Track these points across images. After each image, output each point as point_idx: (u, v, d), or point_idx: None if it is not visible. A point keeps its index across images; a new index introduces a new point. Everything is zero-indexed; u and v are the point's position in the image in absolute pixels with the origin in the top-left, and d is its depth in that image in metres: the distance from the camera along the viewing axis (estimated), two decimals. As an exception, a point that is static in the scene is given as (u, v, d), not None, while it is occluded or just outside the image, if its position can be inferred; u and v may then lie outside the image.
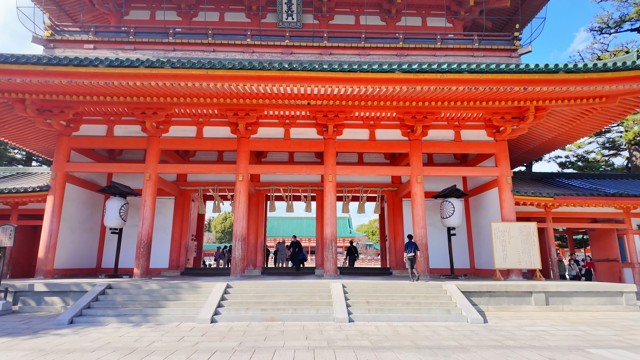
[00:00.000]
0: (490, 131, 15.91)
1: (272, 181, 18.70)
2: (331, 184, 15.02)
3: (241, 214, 14.66)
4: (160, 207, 18.26)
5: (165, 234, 18.06)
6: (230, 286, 11.81)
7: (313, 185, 18.59)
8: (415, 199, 15.04)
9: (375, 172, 15.53)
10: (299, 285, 11.97)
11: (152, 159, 15.06)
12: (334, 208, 14.87)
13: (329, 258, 14.45)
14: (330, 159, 15.25)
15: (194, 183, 18.42)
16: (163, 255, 17.81)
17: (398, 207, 18.58)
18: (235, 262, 14.31)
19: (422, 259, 14.54)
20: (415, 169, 15.29)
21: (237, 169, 15.05)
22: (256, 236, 18.26)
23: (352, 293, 11.49)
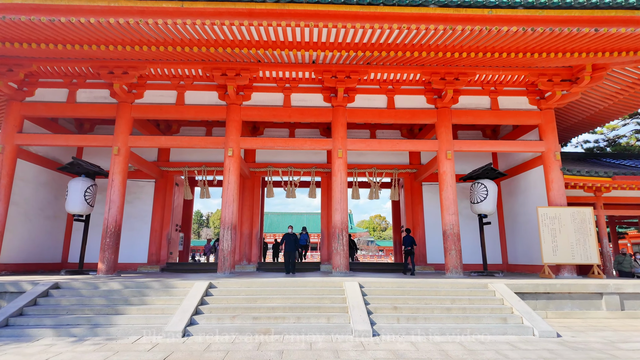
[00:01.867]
0: (533, 98, 13.15)
1: (270, 162, 15.95)
2: (341, 161, 12.28)
3: (231, 197, 11.92)
4: (138, 191, 15.54)
5: (144, 223, 15.33)
6: (214, 286, 9.10)
7: (318, 166, 15.84)
8: (445, 180, 12.30)
9: (394, 147, 12.78)
10: (303, 284, 9.26)
11: (123, 129, 12.30)
12: (344, 189, 12.12)
13: (338, 251, 11.73)
14: (339, 130, 12.50)
15: (177, 164, 15.67)
16: (140, 248, 15.10)
17: (417, 192, 15.85)
18: (223, 255, 11.59)
19: (454, 252, 11.80)
20: (444, 143, 12.54)
21: (226, 143, 12.30)
22: (251, 226, 15.53)
23: (373, 295, 8.78)
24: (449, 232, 11.96)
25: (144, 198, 15.55)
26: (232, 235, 11.71)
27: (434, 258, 15.25)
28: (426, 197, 15.86)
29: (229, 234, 11.69)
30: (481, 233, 13.59)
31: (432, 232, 15.48)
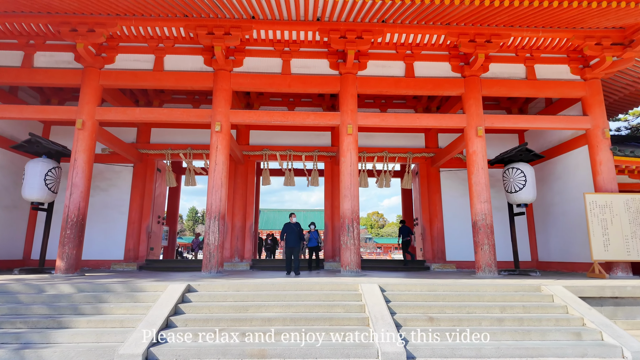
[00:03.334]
0: (575, 67, 11.19)
1: (266, 144, 13.91)
2: (350, 139, 10.26)
3: (219, 180, 9.88)
4: (113, 177, 13.48)
5: (120, 214, 13.27)
6: (193, 289, 7.08)
7: (321, 150, 13.82)
8: (475, 161, 10.32)
9: (414, 122, 10.75)
10: (308, 287, 7.25)
11: (89, 99, 10.22)
12: (354, 172, 10.11)
13: (348, 246, 9.72)
14: (348, 102, 10.48)
15: (159, 145, 13.60)
16: (116, 242, 13.05)
17: (434, 179, 13.87)
18: (208, 250, 9.56)
19: (486, 247, 9.83)
20: (473, 118, 10.56)
21: (213, 116, 10.25)
22: (244, 217, 13.49)
23: (398, 302, 6.79)
24: (480, 223, 9.99)
25: (121, 185, 13.48)
26: (220, 227, 9.68)
27: (455, 254, 13.30)
28: (445, 185, 13.89)
29: (216, 225, 9.65)
30: (512, 226, 11.65)
31: (452, 224, 13.54)
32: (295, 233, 10.17)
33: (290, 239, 10.06)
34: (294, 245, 10.07)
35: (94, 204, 13.19)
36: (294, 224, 10.38)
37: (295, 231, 10.20)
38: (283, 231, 10.30)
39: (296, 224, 10.40)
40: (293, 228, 10.24)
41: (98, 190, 13.35)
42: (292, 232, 10.15)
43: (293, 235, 10.12)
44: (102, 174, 13.48)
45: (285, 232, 10.26)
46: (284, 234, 10.25)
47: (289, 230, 10.22)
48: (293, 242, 10.05)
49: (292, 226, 10.29)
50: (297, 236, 10.19)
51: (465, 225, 13.40)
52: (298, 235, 10.24)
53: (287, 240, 10.11)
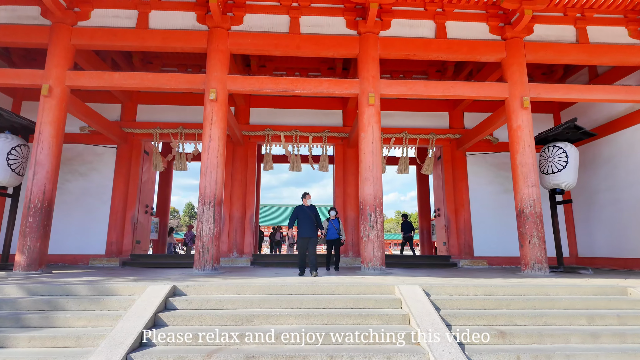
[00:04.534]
0: (634, 29, 9.51)
1: (268, 124, 12.20)
2: (372, 110, 8.58)
3: (213, 159, 8.18)
4: (94, 159, 11.76)
5: (102, 202, 11.55)
6: (181, 291, 5.42)
7: (331, 130, 12.13)
8: (521, 138, 8.67)
9: (447, 91, 9.03)
10: (328, 288, 5.58)
11: (58, 61, 8.49)
12: (377, 150, 8.43)
13: (371, 238, 8.05)
14: (369, 67, 8.79)
15: (146, 124, 11.87)
16: (97, 235, 11.35)
17: (460, 164, 12.21)
18: (201, 243, 7.87)
19: (536, 240, 8.20)
20: (517, 86, 8.89)
21: (207, 82, 8.53)
22: (243, 206, 11.81)
23: (449, 310, 5.15)
24: (528, 211, 8.34)
25: (102, 169, 11.75)
26: (215, 215, 7.99)
27: (483, 249, 11.69)
28: (472, 171, 12.24)
29: (210, 212, 7.96)
30: (553, 215, 10.05)
31: (481, 215, 11.91)
32: (310, 219, 7.80)
33: (304, 228, 7.75)
34: (309, 236, 7.74)
35: (71, 190, 11.51)
36: (309, 207, 7.99)
37: (310, 217, 7.81)
38: (293, 216, 7.94)
39: (311, 208, 7.99)
40: (307, 213, 7.82)
41: (76, 175, 11.64)
42: (306, 218, 7.80)
43: (307, 222, 7.76)
44: (81, 156, 11.76)
45: (296, 218, 7.92)
46: (294, 220, 7.93)
47: (302, 216, 7.83)
48: (308, 232, 7.74)
49: (306, 210, 7.88)
50: (313, 223, 7.84)
51: (496, 216, 11.85)
52: (314, 222, 7.89)
53: (299, 229, 7.82)
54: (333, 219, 8.95)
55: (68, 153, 11.70)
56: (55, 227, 11.12)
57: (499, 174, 12.25)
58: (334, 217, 9.00)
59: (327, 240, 8.80)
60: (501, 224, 11.84)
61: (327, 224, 8.85)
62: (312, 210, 8.07)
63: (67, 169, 11.61)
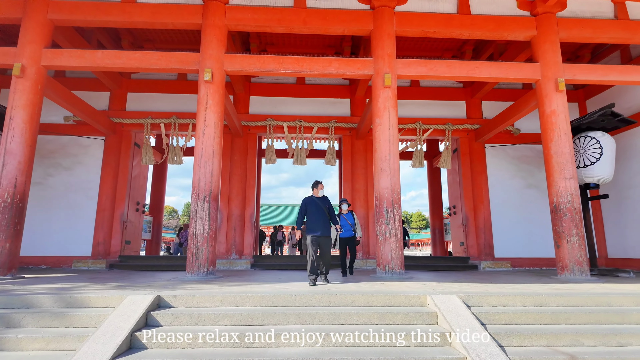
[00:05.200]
0: (678, 4, 8.53)
1: (270, 113, 11.21)
2: (389, 92, 7.58)
3: (209, 148, 7.19)
4: (79, 152, 10.77)
5: (87, 198, 10.56)
6: (166, 303, 4.44)
7: (338, 120, 11.14)
8: (555, 124, 7.69)
9: (471, 72, 8.02)
10: (346, 299, 4.59)
11: (32, 36, 7.50)
12: (394, 139, 7.44)
13: (387, 238, 7.07)
14: (385, 45, 7.79)
15: (137, 114, 10.88)
16: (82, 234, 10.36)
17: (479, 157, 11.23)
18: (195, 244, 6.87)
19: (575, 240, 7.22)
20: (549, 66, 7.92)
21: (201, 60, 7.54)
22: (243, 203, 10.81)
23: (497, 324, 4.19)
24: (565, 207, 7.36)
25: (89, 162, 10.76)
26: (211, 211, 7.00)
27: (504, 250, 10.71)
28: (491, 165, 11.26)
29: (205, 208, 6.97)
30: (585, 211, 9.02)
31: (501, 212, 10.94)
32: (323, 213, 6.29)
33: (315, 223, 6.20)
34: (322, 234, 6.20)
35: (54, 185, 10.52)
36: (321, 199, 6.44)
37: (323, 210, 6.31)
38: (302, 210, 6.41)
39: (324, 200, 6.47)
40: (319, 205, 6.32)
41: (60, 169, 10.65)
42: (317, 212, 6.27)
43: (319, 216, 6.24)
44: (65, 148, 10.77)
45: (306, 212, 6.38)
46: (303, 214, 6.41)
47: (313, 209, 6.29)
48: (320, 228, 6.19)
49: (318, 202, 6.35)
50: (326, 218, 6.32)
51: (518, 214, 10.91)
52: (327, 216, 6.36)
53: (309, 225, 6.26)
54: (346, 213, 7.57)
55: (51, 145, 10.73)
56: (36, 225, 10.23)
57: (521, 167, 11.28)
58: (347, 211, 7.62)
59: (341, 238, 7.43)
60: (524, 222, 10.89)
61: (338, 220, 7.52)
62: (325, 202, 6.47)
63: (50, 163, 10.63)
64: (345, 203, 7.68)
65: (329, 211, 6.39)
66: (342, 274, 7.46)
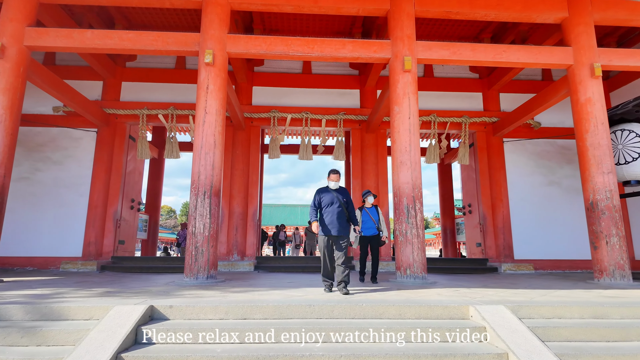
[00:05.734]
0: None
1: (274, 105, 10.50)
2: (409, 77, 6.88)
3: (210, 138, 6.46)
4: (70, 145, 10.05)
5: (78, 195, 9.82)
6: (160, 314, 3.72)
7: (347, 112, 10.43)
8: (591, 113, 7.00)
9: (499, 55, 7.29)
10: (373, 311, 3.88)
11: (14, 14, 6.79)
12: (415, 127, 6.73)
13: (409, 238, 6.36)
14: (403, 25, 7.09)
15: (132, 104, 10.15)
16: (72, 234, 9.63)
17: (497, 152, 10.53)
18: (195, 245, 6.15)
19: (615, 240, 6.53)
20: (584, 51, 7.24)
21: (202, 41, 6.82)
22: (245, 200, 10.09)
23: (559, 341, 3.47)
24: (603, 204, 6.67)
25: (80, 156, 10.02)
26: (212, 208, 6.28)
27: (524, 251, 10.02)
28: (510, 161, 10.57)
29: (206, 205, 6.25)
30: (616, 211, 8.34)
31: (520, 211, 10.26)
32: (339, 208, 5.16)
33: (330, 220, 5.10)
34: (338, 233, 5.07)
35: (43, 180, 9.79)
36: (337, 191, 5.29)
37: (339, 205, 5.17)
38: (315, 203, 5.26)
39: (341, 192, 5.30)
40: (334, 198, 5.18)
41: (49, 163, 9.91)
42: (332, 206, 5.15)
43: (335, 211, 5.12)
44: (55, 141, 10.03)
45: (320, 205, 5.23)
46: (316, 208, 5.24)
47: (327, 202, 5.18)
48: (335, 226, 5.06)
49: (333, 195, 5.21)
50: (343, 214, 5.20)
51: (539, 213, 10.25)
52: (344, 211, 5.24)
53: (322, 222, 5.15)
54: (369, 208, 6.44)
55: (39, 138, 10.00)
56: (22, 224, 9.48)
57: (541, 163, 10.60)
58: (371, 205, 6.49)
59: (362, 237, 6.33)
60: (545, 222, 10.21)
61: (360, 215, 6.43)
62: (342, 195, 5.29)
63: (38, 156, 9.90)
64: (370, 195, 6.52)
65: (347, 207, 5.30)
66: (361, 279, 6.45)
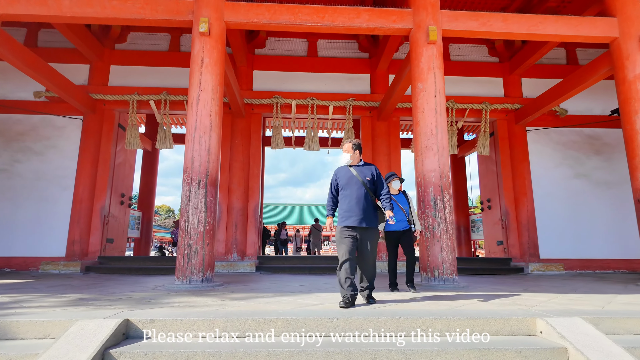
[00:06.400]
0: None
1: (277, 90, 9.62)
2: (434, 50, 6.00)
3: (206, 119, 5.58)
4: (53, 135, 9.18)
5: (62, 188, 8.94)
6: (138, 331, 2.82)
7: (357, 98, 9.55)
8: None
9: (534, 26, 6.38)
10: (411, 324, 2.99)
11: (-21, -21, 5.86)
12: (441, 106, 5.85)
13: (436, 235, 5.48)
14: (426, -7, 6.21)
15: (121, 89, 9.27)
16: (54, 231, 8.75)
17: (520, 142, 9.67)
18: (188, 243, 5.26)
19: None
20: (632, 21, 6.44)
21: (195, 9, 5.93)
22: (246, 194, 9.21)
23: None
24: (659, 195, 5.81)
25: (64, 147, 9.14)
26: (207, 200, 5.40)
27: (552, 250, 9.18)
28: (534, 151, 9.71)
29: (201, 195, 5.37)
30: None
31: (546, 206, 9.41)
32: (360, 190, 3.91)
33: (351, 206, 3.86)
34: (362, 223, 3.83)
35: (22, 173, 8.91)
36: (360, 168, 4.06)
37: (360, 185, 3.92)
38: (332, 186, 4.08)
39: (365, 169, 4.04)
40: (354, 178, 3.96)
41: (29, 154, 9.03)
42: (351, 186, 3.93)
43: (355, 195, 3.89)
44: (36, 129, 9.15)
45: (338, 188, 4.02)
46: (334, 192, 4.05)
47: (345, 182, 3.97)
48: (355, 214, 3.83)
49: (353, 174, 3.99)
50: (366, 198, 3.92)
51: (565, 208, 9.44)
52: (369, 196, 3.96)
53: (342, 209, 3.94)
54: (396, 195, 4.96)
55: (19, 126, 9.12)
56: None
57: (568, 154, 9.75)
58: (398, 192, 5.02)
59: (389, 232, 4.83)
60: (572, 218, 9.38)
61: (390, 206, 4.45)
62: (366, 172, 4.00)
63: (17, 147, 9.02)
64: (396, 179, 4.98)
65: (374, 187, 3.99)
66: (391, 287, 4.95)
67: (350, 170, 4.04)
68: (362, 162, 4.16)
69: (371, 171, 4.07)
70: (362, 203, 3.88)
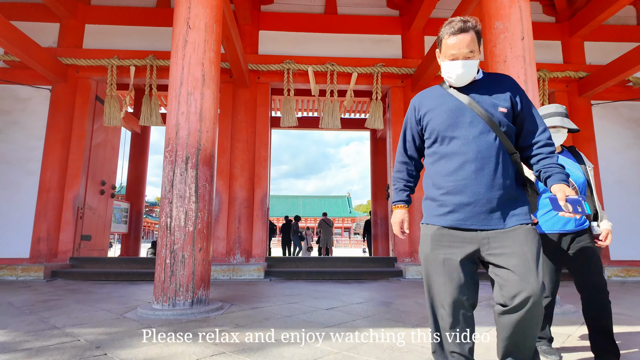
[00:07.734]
0: None
1: (288, 54, 7.87)
2: (515, -21, 4.25)
3: (196, 71, 3.87)
4: (14, 108, 7.52)
5: (26, 174, 7.29)
6: None
7: (386, 64, 7.79)
8: None
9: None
10: None
11: None
12: (530, 55, 4.13)
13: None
14: None
15: (98, 52, 7.55)
16: (17, 227, 7.12)
17: (583, 118, 7.94)
18: (170, 249, 3.58)
19: None
20: None
21: None
22: (251, 180, 7.52)
23: None
24: None
25: (29, 123, 7.46)
26: (197, 184, 3.72)
27: (621, 250, 7.48)
28: (599, 129, 7.98)
29: (189, 179, 3.69)
30: None
31: (615, 195, 7.71)
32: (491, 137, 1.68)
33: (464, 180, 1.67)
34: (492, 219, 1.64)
35: (-24, 156, 7.23)
36: (485, 81, 1.81)
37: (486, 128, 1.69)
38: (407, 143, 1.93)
39: (490, 86, 1.76)
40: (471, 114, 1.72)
41: (-16, 132, 7.35)
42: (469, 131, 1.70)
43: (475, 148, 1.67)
44: (-6, 102, 7.45)
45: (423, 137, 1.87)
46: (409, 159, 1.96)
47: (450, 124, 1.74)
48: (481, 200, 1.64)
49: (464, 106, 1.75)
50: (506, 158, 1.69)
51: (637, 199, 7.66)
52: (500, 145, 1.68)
53: (437, 188, 1.75)
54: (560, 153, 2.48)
55: (-28, 97, 7.42)
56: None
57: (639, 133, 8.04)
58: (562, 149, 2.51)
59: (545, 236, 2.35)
60: (649, 210, 7.68)
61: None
62: (502, 98, 1.73)
63: (-30, 122, 7.33)
64: (556, 121, 2.39)
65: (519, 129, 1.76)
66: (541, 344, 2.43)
67: (455, 95, 1.79)
68: (482, 73, 1.85)
69: (508, 91, 1.76)
70: (491, 169, 1.66)
